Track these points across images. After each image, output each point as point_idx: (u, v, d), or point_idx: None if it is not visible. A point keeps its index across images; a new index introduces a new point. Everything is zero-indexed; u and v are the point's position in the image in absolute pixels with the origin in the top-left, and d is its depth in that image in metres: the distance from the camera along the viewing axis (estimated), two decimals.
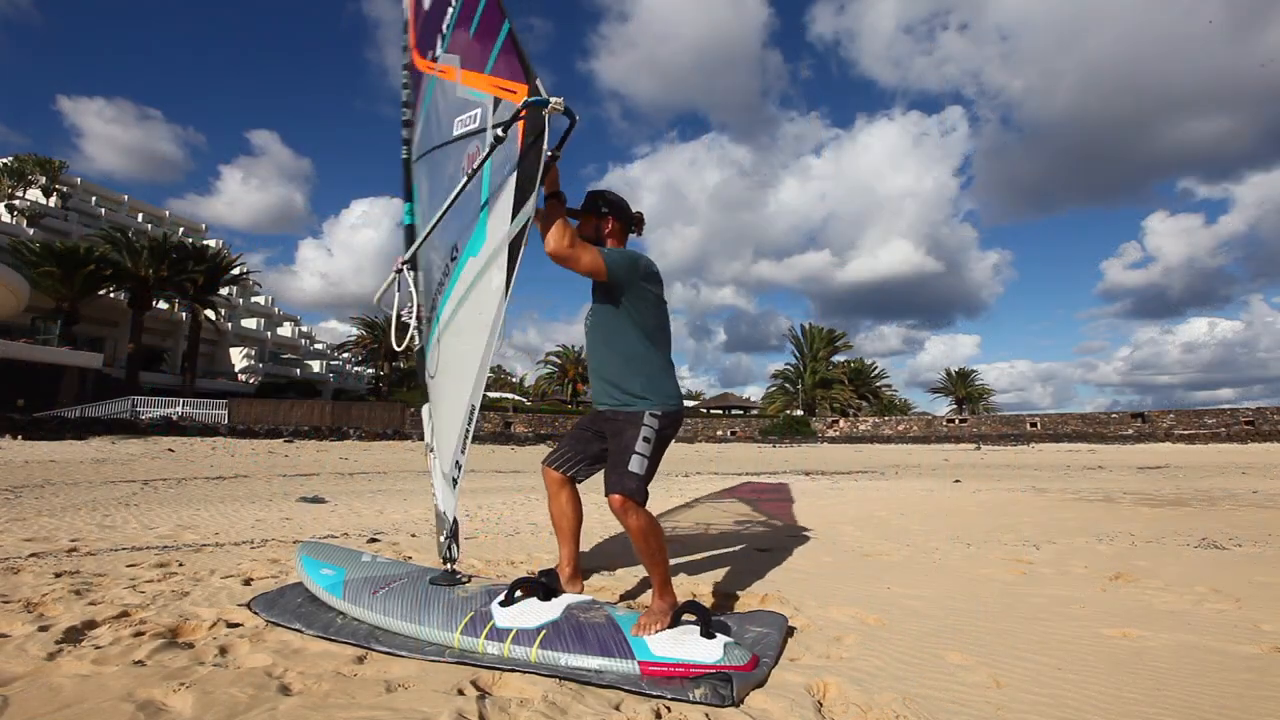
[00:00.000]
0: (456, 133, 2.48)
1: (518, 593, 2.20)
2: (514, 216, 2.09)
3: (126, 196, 45.03)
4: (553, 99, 1.98)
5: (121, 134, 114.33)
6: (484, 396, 2.38)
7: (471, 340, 2.30)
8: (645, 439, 2.23)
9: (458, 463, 2.38)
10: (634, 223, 2.54)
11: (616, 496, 2.17)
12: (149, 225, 42.43)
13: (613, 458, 2.28)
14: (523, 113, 2.03)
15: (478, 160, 2.20)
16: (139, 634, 2.13)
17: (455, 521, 2.48)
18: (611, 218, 2.47)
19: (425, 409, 2.65)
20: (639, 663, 1.90)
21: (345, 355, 51.32)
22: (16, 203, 35.43)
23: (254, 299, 49.29)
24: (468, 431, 2.30)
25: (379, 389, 46.64)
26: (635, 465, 2.19)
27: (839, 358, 56.72)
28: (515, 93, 2.21)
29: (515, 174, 2.09)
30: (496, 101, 2.40)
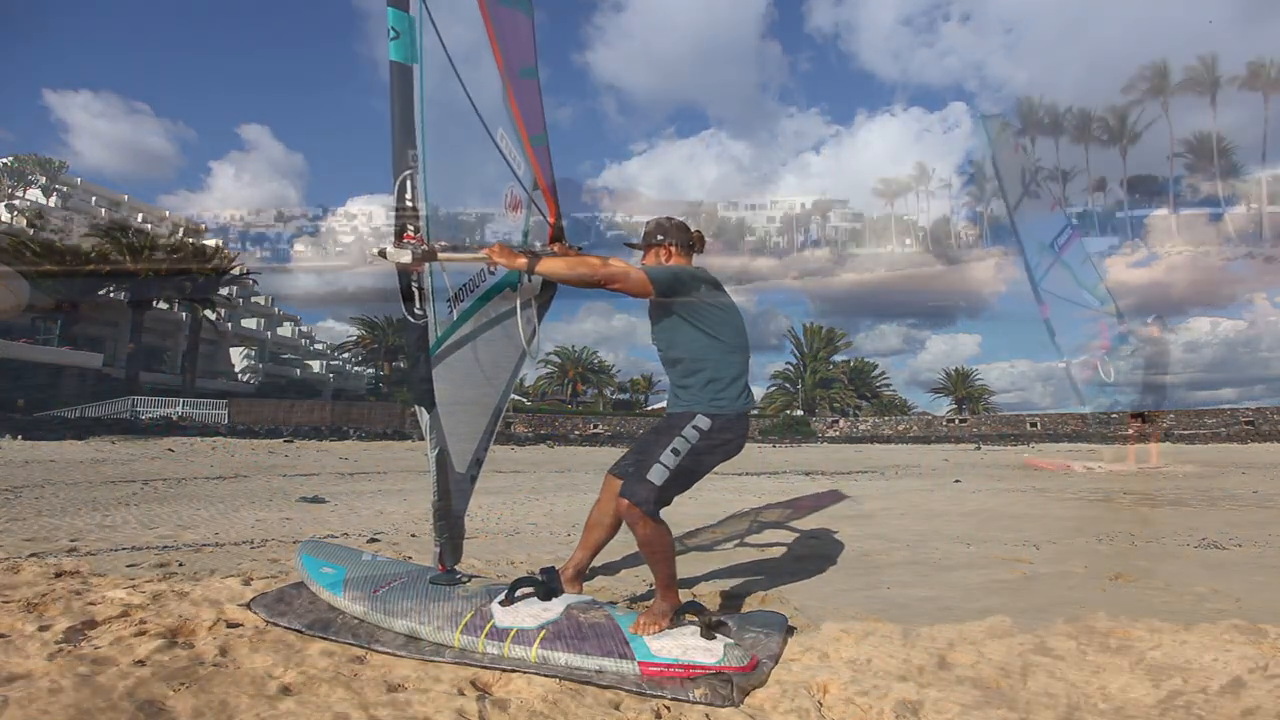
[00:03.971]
0: (499, 142, 2.77)
1: (518, 592, 2.21)
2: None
3: (126, 196, 45.09)
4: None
5: (109, 129, 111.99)
6: None
7: (505, 352, 2.81)
8: (674, 450, 2.20)
9: (478, 460, 2.74)
10: (695, 242, 2.57)
11: (624, 502, 2.15)
12: (149, 225, 42.43)
13: (640, 461, 2.26)
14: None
15: (523, 215, 2.90)
16: (139, 634, 2.13)
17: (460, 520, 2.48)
18: (669, 244, 2.50)
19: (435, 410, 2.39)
20: (639, 663, 1.90)
21: (345, 355, 51.33)
22: (16, 203, 35.42)
23: (254, 299, 49.28)
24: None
25: (379, 389, 46.63)
26: (655, 475, 2.15)
27: (839, 357, 56.76)
28: (549, 206, 3.05)
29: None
30: (534, 184, 3.00)
